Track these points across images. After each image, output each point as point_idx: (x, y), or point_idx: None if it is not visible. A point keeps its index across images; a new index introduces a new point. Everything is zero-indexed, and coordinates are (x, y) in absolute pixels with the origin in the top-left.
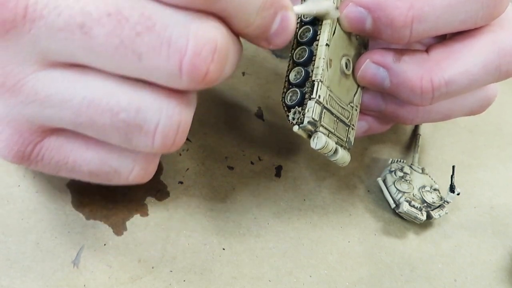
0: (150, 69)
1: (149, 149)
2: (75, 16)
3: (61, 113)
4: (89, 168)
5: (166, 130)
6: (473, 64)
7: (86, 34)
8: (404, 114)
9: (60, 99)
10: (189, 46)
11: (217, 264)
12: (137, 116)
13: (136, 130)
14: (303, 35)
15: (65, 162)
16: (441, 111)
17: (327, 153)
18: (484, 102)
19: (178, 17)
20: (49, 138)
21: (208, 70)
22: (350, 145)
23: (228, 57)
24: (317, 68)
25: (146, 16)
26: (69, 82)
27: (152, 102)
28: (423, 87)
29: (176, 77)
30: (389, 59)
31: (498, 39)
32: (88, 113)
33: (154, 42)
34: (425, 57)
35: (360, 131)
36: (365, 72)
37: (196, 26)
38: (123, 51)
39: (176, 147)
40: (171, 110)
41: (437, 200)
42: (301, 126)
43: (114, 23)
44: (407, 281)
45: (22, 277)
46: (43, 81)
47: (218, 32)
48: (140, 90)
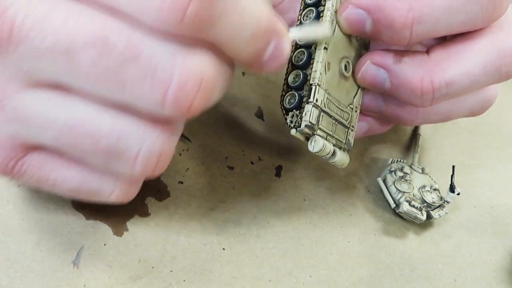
0: (134, 97)
1: (130, 175)
2: (61, 40)
3: (43, 134)
4: (70, 186)
5: (147, 159)
6: (474, 65)
7: (71, 59)
8: (404, 115)
9: (42, 121)
10: (174, 78)
11: (217, 264)
12: (119, 143)
13: (117, 157)
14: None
15: (46, 179)
16: (442, 112)
17: (324, 155)
18: (485, 103)
19: (165, 47)
20: (31, 154)
21: (192, 103)
22: (349, 146)
23: (215, 87)
24: (315, 72)
25: (133, 45)
26: (53, 104)
27: (135, 130)
28: (424, 88)
29: (160, 107)
30: (389, 60)
31: (498, 40)
32: (70, 136)
33: (139, 72)
34: (425, 58)
35: (361, 132)
36: (365, 73)
37: (183, 57)
38: (107, 79)
39: (158, 173)
40: (153, 139)
41: (437, 200)
42: (298, 130)
43: (100, 50)
44: (407, 281)
45: (22, 277)
46: (27, 101)
47: (206, 63)
48: (123, 117)
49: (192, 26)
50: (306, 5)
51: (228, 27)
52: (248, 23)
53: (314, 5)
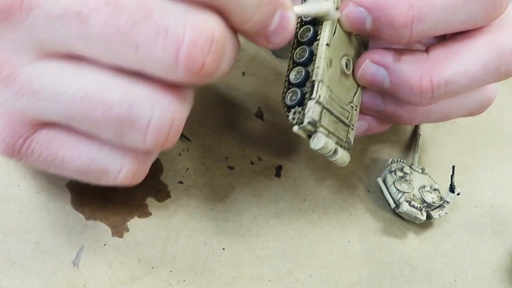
0: (146, 59)
1: (142, 145)
2: (72, 4)
3: (53, 105)
4: (77, 165)
5: (159, 127)
6: (473, 64)
7: (83, 23)
8: (403, 114)
9: (53, 91)
10: (186, 36)
11: (217, 264)
12: (130, 111)
13: (129, 125)
14: (303, 35)
15: (54, 157)
16: (441, 112)
17: (326, 153)
18: (484, 102)
19: (176, 7)
20: (40, 132)
21: (205, 61)
22: (349, 145)
23: (225, 49)
24: (317, 68)
25: (144, 5)
26: (64, 74)
27: (146, 98)
28: (423, 86)
29: (172, 67)
30: (388, 59)
31: (497, 39)
32: (81, 106)
33: (151, 31)
34: (424, 57)
35: (360, 131)
36: (364, 72)
37: (194, 16)
38: (120, 40)
39: (169, 144)
40: (165, 106)
41: (437, 200)
42: (301, 126)
43: (111, 12)
44: (407, 281)
45: (22, 277)
46: (38, 71)
47: (216, 24)
48: (134, 85)
49: None
50: None
51: None
52: None
53: None
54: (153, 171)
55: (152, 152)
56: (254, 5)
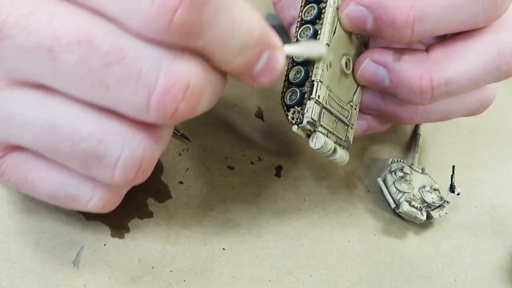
0: (117, 100)
1: (109, 181)
2: (44, 39)
3: (22, 133)
4: (47, 190)
5: (127, 165)
6: (473, 64)
7: (54, 59)
8: (403, 113)
9: (21, 120)
10: (159, 83)
11: (217, 264)
12: (98, 147)
13: (96, 161)
14: (303, 34)
15: (23, 181)
16: (441, 111)
17: (325, 152)
18: (484, 102)
19: (151, 51)
20: (11, 155)
21: (178, 108)
22: (349, 144)
23: (202, 94)
24: (316, 68)
25: (118, 48)
26: (33, 104)
27: (116, 135)
28: (423, 86)
29: (143, 111)
30: (388, 58)
31: (497, 39)
32: (49, 138)
33: (123, 75)
34: (424, 56)
35: (360, 130)
36: (364, 71)
37: (169, 63)
38: (91, 80)
39: (139, 181)
40: (135, 145)
41: (437, 200)
42: (300, 126)
43: (84, 51)
44: (407, 281)
45: (22, 277)
46: (7, 100)
47: (193, 70)
48: (105, 120)
49: (178, 34)
50: (308, 2)
51: (216, 36)
52: (238, 33)
53: (316, 1)
54: (153, 171)
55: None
56: (238, 48)
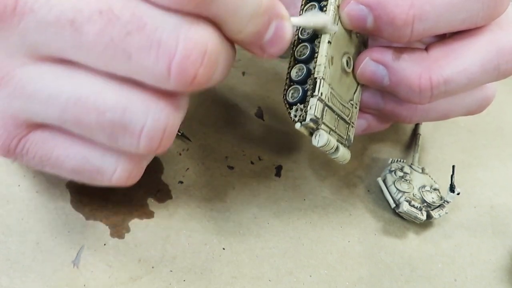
0: (139, 69)
1: (134, 150)
2: (66, 12)
3: (47, 109)
4: (72, 165)
5: (151, 133)
6: (472, 63)
7: (77, 31)
8: (403, 112)
9: (47, 95)
10: (179, 49)
11: (217, 263)
12: (123, 116)
13: (122, 130)
14: (304, 32)
15: (48, 157)
16: (440, 110)
17: (328, 150)
18: (483, 102)
19: (169, 19)
20: (34, 132)
21: (197, 73)
22: (349, 142)
23: (218, 61)
24: (319, 66)
25: (137, 16)
26: (57, 78)
27: (140, 104)
28: (422, 85)
29: (165, 78)
30: (388, 57)
31: (497, 38)
32: (74, 110)
33: (144, 43)
34: (424, 55)
35: (360, 129)
36: (364, 70)
37: (187, 29)
38: (113, 50)
39: (162, 149)
40: (158, 112)
41: (437, 199)
42: (303, 124)
43: (105, 21)
44: (407, 281)
45: (22, 277)
46: (31, 75)
47: (209, 36)
48: (128, 90)
49: (192, 1)
50: (308, 0)
51: (227, 4)
52: (248, 1)
53: (316, 0)
54: (153, 171)
55: (147, 155)
56: (248, 16)
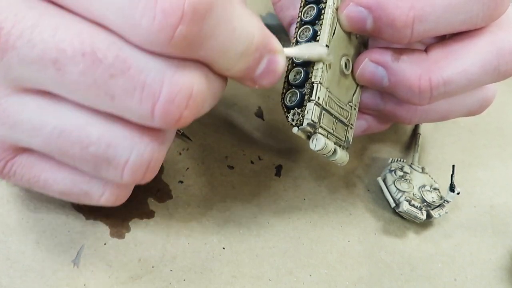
0: (122, 109)
1: (118, 181)
2: (49, 51)
3: (31, 138)
4: (59, 188)
5: (136, 167)
6: (472, 64)
7: (59, 70)
8: (402, 113)
9: (30, 126)
10: (163, 93)
11: (217, 263)
12: (107, 151)
13: (105, 163)
14: (302, 35)
15: (36, 180)
16: (440, 111)
17: (326, 154)
18: (483, 102)
19: (154, 62)
20: (21, 156)
21: (181, 115)
22: (348, 144)
23: (205, 100)
24: (316, 70)
25: (121, 59)
26: (41, 110)
27: (124, 138)
28: (421, 86)
29: (149, 119)
30: (387, 58)
31: (497, 39)
32: (58, 142)
33: (128, 85)
34: (423, 56)
35: (359, 130)
36: (364, 71)
37: (172, 73)
38: (96, 90)
39: (146, 180)
40: (142, 147)
41: (437, 199)
42: (300, 128)
43: (88, 63)
44: (407, 280)
45: (22, 276)
46: (15, 106)
47: (195, 78)
48: (112, 125)
49: (180, 47)
50: (307, 2)
51: (217, 46)
52: (238, 41)
53: (315, 2)
54: None
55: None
56: (238, 55)
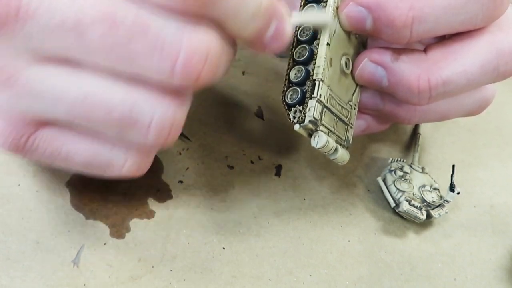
0: (143, 70)
1: (143, 143)
2: (70, 17)
3: (54, 108)
4: (82, 160)
5: (159, 128)
6: (471, 64)
7: (80, 35)
8: (402, 113)
9: (53, 94)
10: (182, 52)
11: (217, 263)
12: (131, 113)
13: (130, 126)
14: (303, 34)
15: (58, 152)
16: (439, 111)
17: (327, 151)
18: (482, 103)
19: (171, 22)
20: (43, 129)
21: (200, 74)
22: (348, 143)
23: (220, 60)
24: (318, 67)
25: (140, 21)
26: (63, 78)
27: (146, 100)
28: (420, 86)
29: (169, 78)
30: (387, 58)
31: (496, 40)
32: (82, 108)
33: (147, 47)
34: (423, 56)
35: (359, 130)
36: (363, 71)
37: (189, 32)
38: (117, 53)
39: (170, 143)
40: (164, 108)
41: (437, 199)
42: (302, 125)
43: (108, 26)
44: (407, 280)
45: (22, 276)
46: (37, 75)
47: (211, 38)
48: (134, 88)
49: (196, 3)
50: (307, 2)
51: (229, 5)
52: (248, 2)
53: (315, 1)
54: (153, 170)
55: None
56: (249, 16)
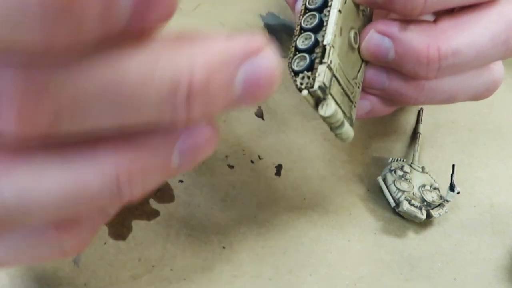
0: None
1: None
2: None
3: None
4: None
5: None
6: (481, 36)
7: None
8: (408, 91)
9: None
10: None
11: (217, 262)
12: None
13: None
14: (312, 2)
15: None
16: (447, 91)
17: (334, 123)
18: (490, 85)
19: None
20: None
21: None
22: (352, 122)
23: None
24: (329, 34)
25: None
26: None
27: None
28: (430, 55)
29: None
30: (394, 29)
31: (506, 12)
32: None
33: None
34: (432, 26)
35: (363, 111)
36: (369, 43)
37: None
38: None
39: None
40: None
41: (437, 199)
42: (310, 91)
43: None
44: (407, 279)
45: (23, 276)
46: None
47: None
48: None
49: None
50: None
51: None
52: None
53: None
54: None
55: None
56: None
